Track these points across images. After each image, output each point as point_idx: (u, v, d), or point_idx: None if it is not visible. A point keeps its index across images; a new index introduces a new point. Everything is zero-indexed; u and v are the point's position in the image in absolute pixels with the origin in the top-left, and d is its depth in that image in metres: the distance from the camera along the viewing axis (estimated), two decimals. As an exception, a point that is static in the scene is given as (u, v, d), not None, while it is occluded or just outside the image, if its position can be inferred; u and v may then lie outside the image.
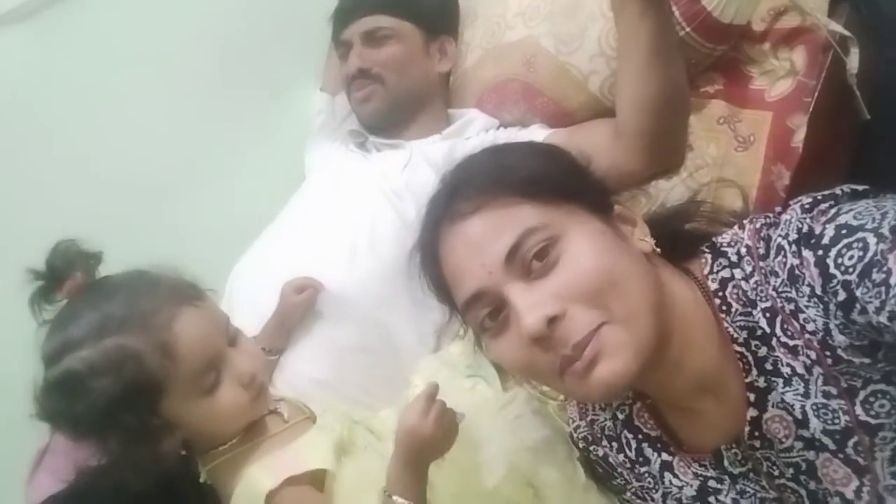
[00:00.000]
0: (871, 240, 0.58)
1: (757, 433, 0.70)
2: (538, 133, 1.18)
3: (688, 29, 1.02)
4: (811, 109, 1.03)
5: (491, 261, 0.68)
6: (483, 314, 0.70)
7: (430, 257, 0.75)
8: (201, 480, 0.89)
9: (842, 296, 0.60)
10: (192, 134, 1.46)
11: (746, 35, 1.07)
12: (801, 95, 1.04)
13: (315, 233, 1.19)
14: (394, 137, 1.29)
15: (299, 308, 1.09)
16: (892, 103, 1.09)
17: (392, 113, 1.29)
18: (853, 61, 1.05)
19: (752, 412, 0.70)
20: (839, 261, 0.60)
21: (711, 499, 0.76)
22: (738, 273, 0.70)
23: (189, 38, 1.46)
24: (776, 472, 0.71)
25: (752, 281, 0.69)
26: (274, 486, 0.83)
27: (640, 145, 1.00)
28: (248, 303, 1.14)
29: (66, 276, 0.82)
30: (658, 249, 0.74)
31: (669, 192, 1.02)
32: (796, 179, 1.02)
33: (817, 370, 0.65)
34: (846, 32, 1.05)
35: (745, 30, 1.06)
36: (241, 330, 0.93)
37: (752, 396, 0.69)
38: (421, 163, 1.21)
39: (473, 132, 1.26)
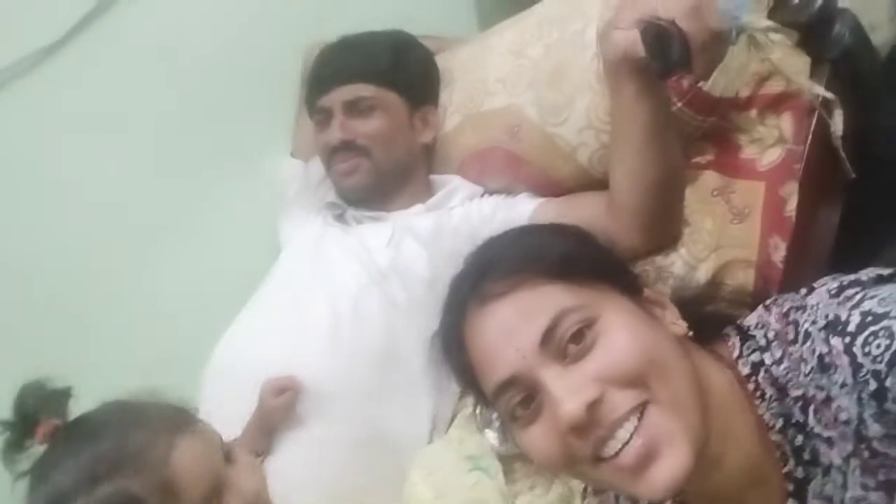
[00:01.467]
0: None
1: None
2: (527, 203, 1.15)
3: (679, 104, 1.01)
4: (801, 176, 1.03)
5: (525, 344, 0.64)
6: (516, 401, 0.66)
7: (455, 342, 0.71)
8: None
9: (873, 385, 0.59)
10: (157, 207, 1.38)
11: (733, 103, 1.07)
12: (791, 163, 1.04)
13: (294, 319, 1.12)
14: (375, 209, 1.25)
15: (279, 411, 1.03)
16: (875, 159, 1.10)
17: (377, 186, 1.24)
18: (837, 123, 1.04)
19: (791, 503, 0.67)
20: (866, 349, 0.59)
21: None
22: (768, 358, 0.68)
23: (150, 108, 1.39)
24: None
25: (782, 367, 0.67)
26: None
27: (636, 223, 0.98)
28: (226, 401, 1.06)
29: (37, 420, 0.76)
30: (691, 333, 0.71)
31: (669, 268, 1.00)
32: (792, 249, 1.01)
33: (854, 462, 0.63)
34: (829, 95, 1.04)
35: (732, 99, 1.05)
36: (233, 443, 0.87)
37: (790, 487, 0.67)
38: (405, 237, 1.17)
39: (458, 201, 1.22)
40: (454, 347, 0.72)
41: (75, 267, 1.31)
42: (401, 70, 1.26)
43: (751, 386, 0.69)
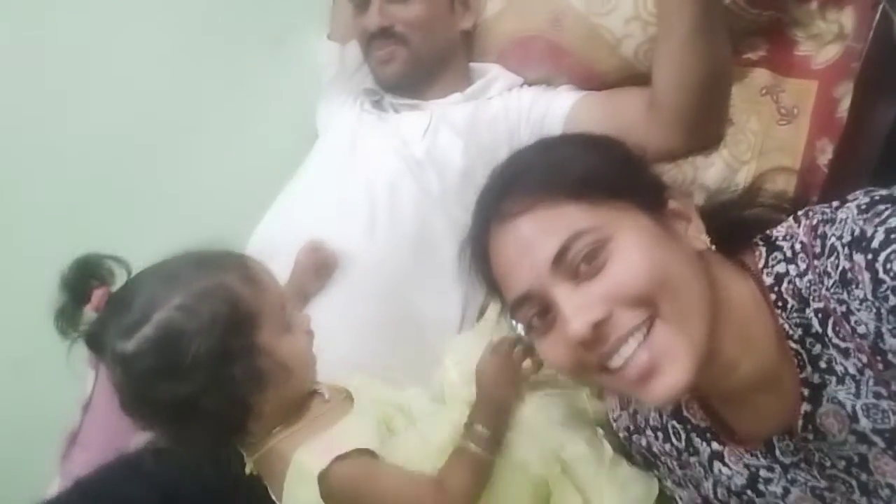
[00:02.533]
0: None
1: (811, 426, 0.70)
2: (568, 96, 1.13)
3: (735, -8, 0.95)
4: (857, 75, 0.98)
5: (539, 263, 0.67)
6: (531, 314, 0.70)
7: (481, 255, 0.75)
8: (248, 472, 0.88)
9: (892, 301, 0.60)
10: (191, 94, 1.37)
11: (794, -9, 1.01)
12: (848, 62, 0.99)
13: (331, 203, 1.14)
14: (413, 97, 1.22)
15: (311, 270, 1.05)
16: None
17: (415, 74, 1.21)
18: (901, 20, 0.99)
19: (806, 406, 0.70)
20: (888, 266, 0.60)
21: (762, 487, 0.77)
22: (792, 269, 0.69)
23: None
24: (828, 463, 0.72)
25: (806, 279, 0.68)
26: (323, 467, 0.82)
27: (678, 122, 0.96)
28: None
29: (90, 287, 0.79)
30: (713, 247, 0.72)
31: (707, 170, 0.98)
32: (839, 152, 0.98)
33: (868, 372, 0.65)
34: (896, -12, 0.98)
35: (792, -13, 0.99)
36: None
37: (806, 392, 0.69)
38: (442, 126, 1.15)
39: (496, 91, 1.19)
40: (480, 260, 0.75)
41: (121, 150, 1.32)
42: None
43: (773, 296, 0.71)
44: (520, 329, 0.97)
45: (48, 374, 0.89)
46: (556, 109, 1.10)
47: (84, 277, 0.79)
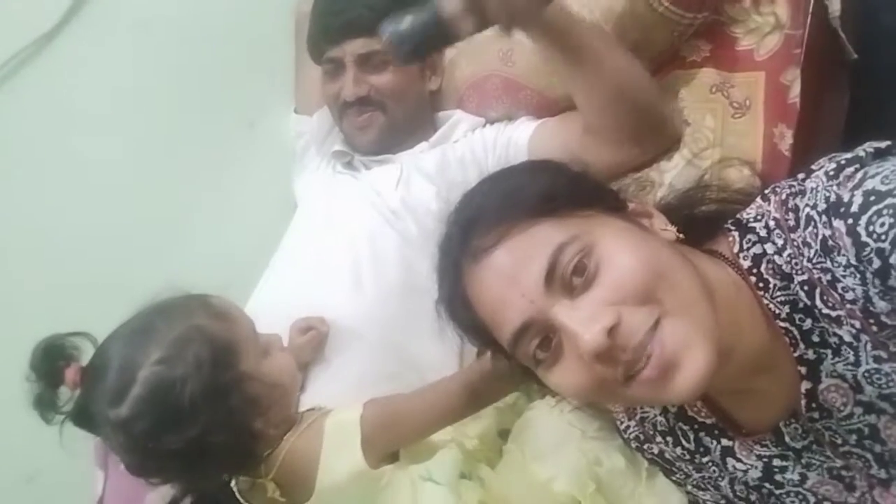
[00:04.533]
0: None
1: (814, 405, 0.69)
2: (527, 126, 1.15)
3: (666, 3, 0.98)
4: (802, 61, 1.01)
5: (530, 288, 0.64)
6: (534, 346, 0.66)
7: (460, 303, 0.71)
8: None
9: (876, 263, 0.59)
10: (168, 183, 1.40)
11: (725, -9, 1.04)
12: (790, 49, 1.01)
13: (315, 264, 1.15)
14: (382, 153, 1.26)
15: (307, 349, 1.06)
16: (876, 37, 1.06)
17: (391, 138, 1.24)
18: (834, 2, 1.02)
19: (806, 385, 0.68)
20: (870, 228, 0.58)
21: (778, 477, 0.76)
22: (769, 248, 0.69)
23: (149, 84, 1.40)
24: (839, 441, 0.70)
25: (785, 254, 0.67)
26: (360, 412, 0.88)
27: (614, 139, 0.98)
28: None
29: (60, 368, 0.80)
30: (682, 236, 0.72)
31: (675, 173, 0.99)
32: (799, 136, 1.00)
33: (864, 337, 0.63)
34: (822, -28, 1.02)
35: (722, -10, 1.03)
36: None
37: (803, 370, 0.68)
38: (413, 175, 1.18)
39: (460, 134, 1.23)
40: (460, 309, 0.72)
41: (95, 245, 1.35)
42: None
43: (753, 278, 0.69)
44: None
45: (61, 487, 0.88)
46: (518, 140, 1.13)
47: (51, 360, 0.81)
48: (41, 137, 1.32)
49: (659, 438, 0.85)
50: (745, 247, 0.70)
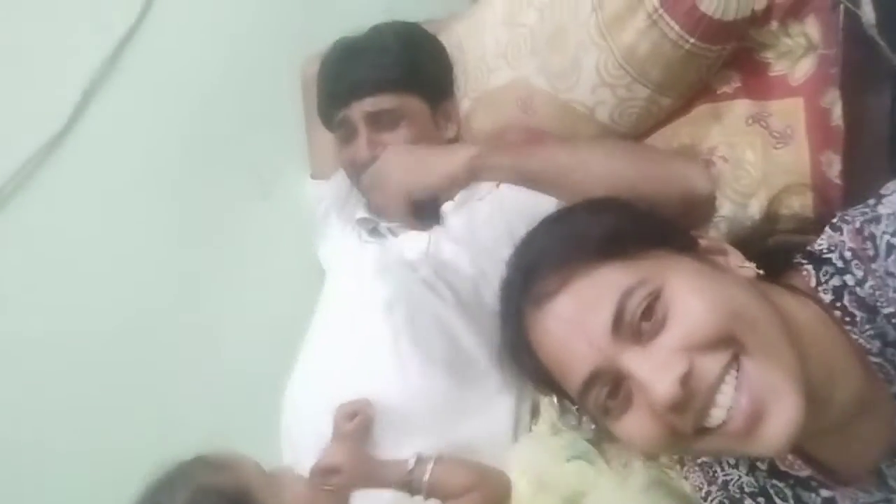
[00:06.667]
0: None
1: None
2: None
3: (692, 40, 0.93)
4: (840, 80, 0.95)
5: (597, 336, 0.61)
6: (603, 396, 0.62)
7: (523, 350, 0.68)
8: None
9: None
10: (192, 260, 1.36)
11: (749, 20, 0.98)
12: (826, 69, 0.96)
13: (353, 345, 1.11)
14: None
15: (354, 436, 1.02)
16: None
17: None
18: (867, 12, 0.97)
19: None
20: None
21: None
22: (849, 279, 0.65)
23: (159, 166, 1.36)
24: None
25: (867, 286, 0.63)
26: None
27: None
28: (308, 437, 1.07)
29: None
30: (762, 272, 0.67)
31: (723, 216, 0.94)
32: (848, 161, 0.94)
33: None
34: (850, -17, 0.96)
35: (748, 17, 0.97)
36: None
37: None
38: (442, 241, 1.13)
39: (486, 190, 1.18)
40: (524, 356, 0.69)
41: (130, 336, 1.30)
42: (418, 71, 1.20)
43: (837, 313, 0.65)
44: (587, 424, 0.91)
45: None
46: (544, 201, 1.07)
47: None
48: (52, 242, 1.29)
49: (748, 501, 0.79)
50: (822, 280, 0.66)
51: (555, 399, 0.97)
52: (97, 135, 1.31)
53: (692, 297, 0.60)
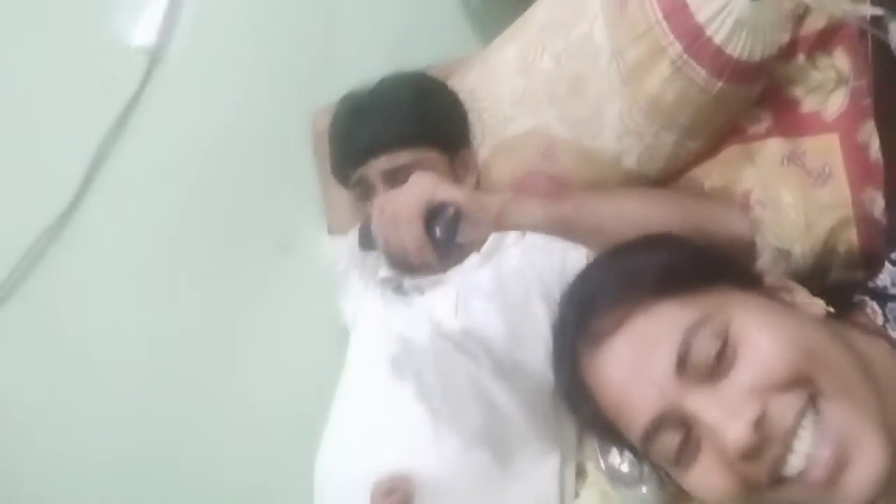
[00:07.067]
0: None
1: None
2: None
3: (720, 83, 0.90)
4: (875, 112, 0.92)
5: (659, 377, 0.58)
6: (675, 443, 0.59)
7: (580, 392, 0.65)
8: None
9: None
10: (212, 329, 1.36)
11: (776, 56, 0.95)
12: (858, 102, 0.92)
13: (386, 409, 1.07)
14: (431, 272, 1.17)
15: None
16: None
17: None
18: (894, 35, 0.93)
19: None
20: None
21: None
22: None
23: (178, 230, 1.36)
24: None
25: None
26: None
27: None
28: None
29: None
30: (831, 310, 0.64)
31: (764, 261, 0.90)
32: (891, 195, 0.90)
33: None
34: (876, 10, 0.93)
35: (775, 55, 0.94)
36: None
37: None
38: (471, 297, 1.09)
39: (511, 240, 1.14)
40: (580, 399, 0.66)
41: (151, 400, 1.30)
42: (432, 122, 1.18)
43: None
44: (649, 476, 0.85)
45: None
46: (573, 257, 1.04)
47: None
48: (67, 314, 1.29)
49: None
50: (889, 317, 0.64)
51: (602, 464, 0.94)
52: (110, 202, 1.31)
53: (762, 335, 0.57)
